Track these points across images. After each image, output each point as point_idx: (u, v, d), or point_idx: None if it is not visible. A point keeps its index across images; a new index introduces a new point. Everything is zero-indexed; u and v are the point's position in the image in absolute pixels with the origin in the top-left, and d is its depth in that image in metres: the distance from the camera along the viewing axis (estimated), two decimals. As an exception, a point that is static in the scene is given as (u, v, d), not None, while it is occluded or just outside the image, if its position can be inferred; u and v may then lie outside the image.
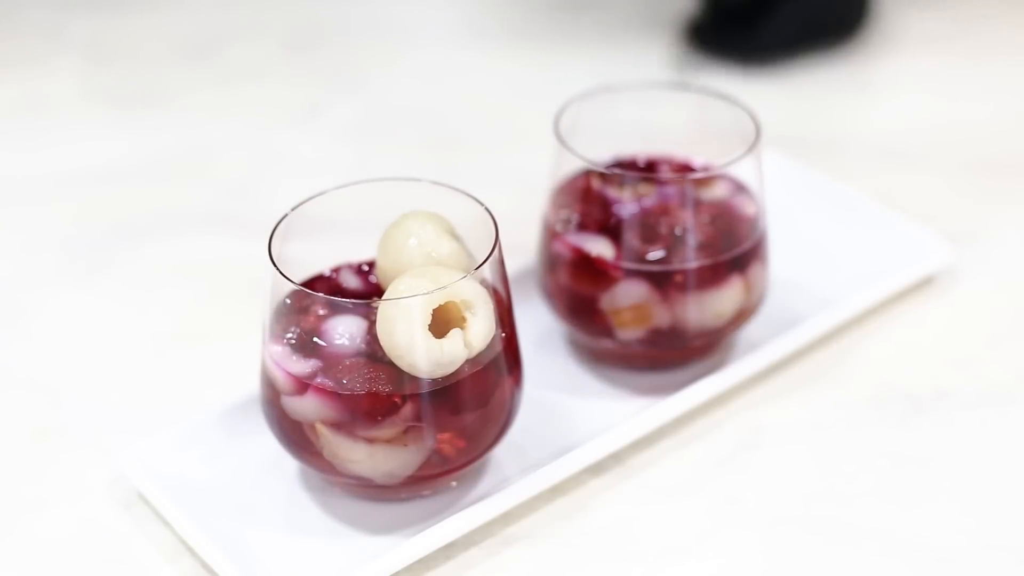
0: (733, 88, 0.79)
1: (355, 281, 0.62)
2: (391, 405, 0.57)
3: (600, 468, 0.64)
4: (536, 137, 0.77)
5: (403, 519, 0.61)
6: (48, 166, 0.89)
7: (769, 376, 0.69)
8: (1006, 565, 0.59)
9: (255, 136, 0.93)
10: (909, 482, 0.64)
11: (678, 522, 0.62)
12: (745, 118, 0.68)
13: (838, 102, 0.96)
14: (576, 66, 0.99)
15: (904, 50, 1.02)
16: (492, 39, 1.04)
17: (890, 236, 0.77)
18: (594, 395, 0.68)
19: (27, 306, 0.77)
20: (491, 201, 0.61)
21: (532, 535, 0.61)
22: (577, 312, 0.68)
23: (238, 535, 0.60)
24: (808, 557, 0.60)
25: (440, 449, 0.58)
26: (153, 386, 0.70)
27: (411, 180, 0.60)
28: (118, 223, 0.83)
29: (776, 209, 0.75)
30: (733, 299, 0.67)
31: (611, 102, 0.70)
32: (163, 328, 0.74)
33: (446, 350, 0.56)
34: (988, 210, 0.83)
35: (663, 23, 1.04)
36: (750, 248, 0.67)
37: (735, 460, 0.65)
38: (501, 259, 0.59)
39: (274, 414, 0.60)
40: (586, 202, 0.67)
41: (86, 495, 0.64)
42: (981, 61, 1.00)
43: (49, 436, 0.67)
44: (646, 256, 0.65)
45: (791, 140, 0.88)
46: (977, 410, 0.68)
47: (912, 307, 0.75)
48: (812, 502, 0.63)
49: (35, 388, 0.70)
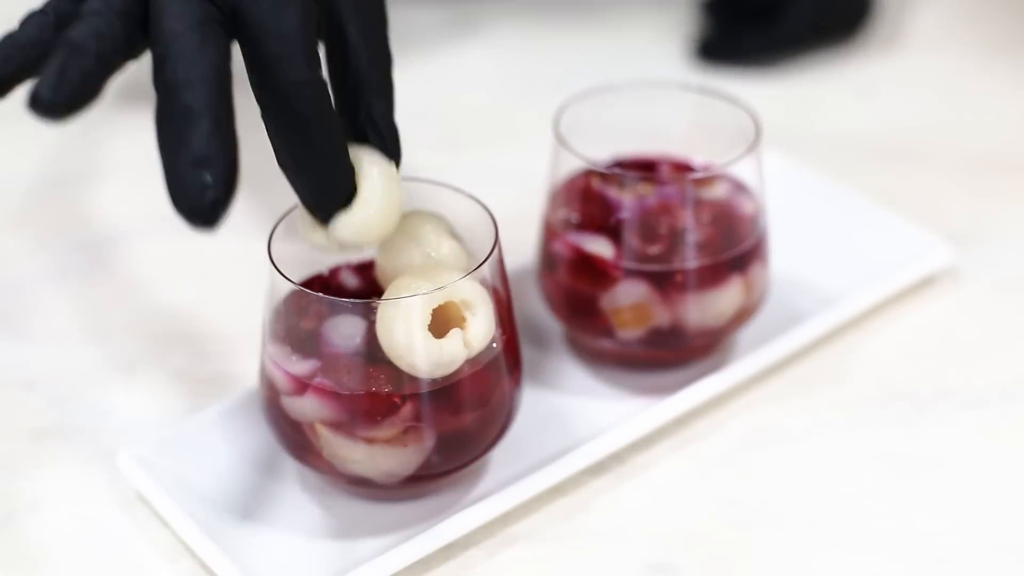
0: (733, 88, 0.79)
1: (354, 281, 0.62)
2: (391, 405, 0.57)
3: (600, 468, 0.64)
4: (536, 137, 0.77)
5: (403, 519, 0.61)
6: (48, 166, 0.89)
7: (769, 376, 0.69)
8: (1006, 565, 0.59)
9: (255, 136, 0.93)
10: (909, 482, 0.64)
11: (678, 522, 0.62)
12: (745, 118, 0.68)
13: (838, 102, 0.96)
14: (576, 65, 0.99)
15: (905, 50, 1.02)
16: (492, 38, 1.04)
17: (890, 236, 0.77)
18: (594, 395, 0.68)
19: (27, 306, 0.77)
20: (491, 201, 0.61)
21: (532, 535, 0.61)
22: (577, 312, 0.68)
23: (238, 535, 0.60)
24: (808, 557, 0.60)
25: (440, 449, 0.58)
26: (153, 386, 0.70)
27: (411, 180, 0.60)
28: (118, 223, 0.83)
29: (776, 209, 0.75)
30: (733, 299, 0.67)
31: (611, 102, 0.70)
32: (163, 328, 0.74)
33: (446, 350, 0.56)
34: (988, 210, 0.83)
35: (669, 24, 1.04)
36: (750, 248, 0.67)
37: (735, 460, 0.65)
38: (501, 259, 0.59)
39: (274, 414, 0.60)
40: (586, 202, 0.67)
41: (86, 495, 0.64)
42: (982, 60, 1.00)
43: (49, 436, 0.67)
44: (646, 256, 0.65)
45: (791, 140, 0.88)
46: (977, 410, 0.68)
47: (912, 307, 0.75)
48: (812, 502, 0.63)
49: (35, 388, 0.70)
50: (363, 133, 0.55)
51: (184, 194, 0.48)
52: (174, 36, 0.49)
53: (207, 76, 0.48)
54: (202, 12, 0.50)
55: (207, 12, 0.50)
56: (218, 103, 0.48)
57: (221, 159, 0.48)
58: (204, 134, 0.48)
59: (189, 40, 0.49)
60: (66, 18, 0.51)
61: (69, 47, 0.48)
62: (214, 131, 0.48)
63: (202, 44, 0.49)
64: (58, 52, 0.48)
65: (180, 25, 0.49)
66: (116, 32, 0.50)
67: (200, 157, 0.47)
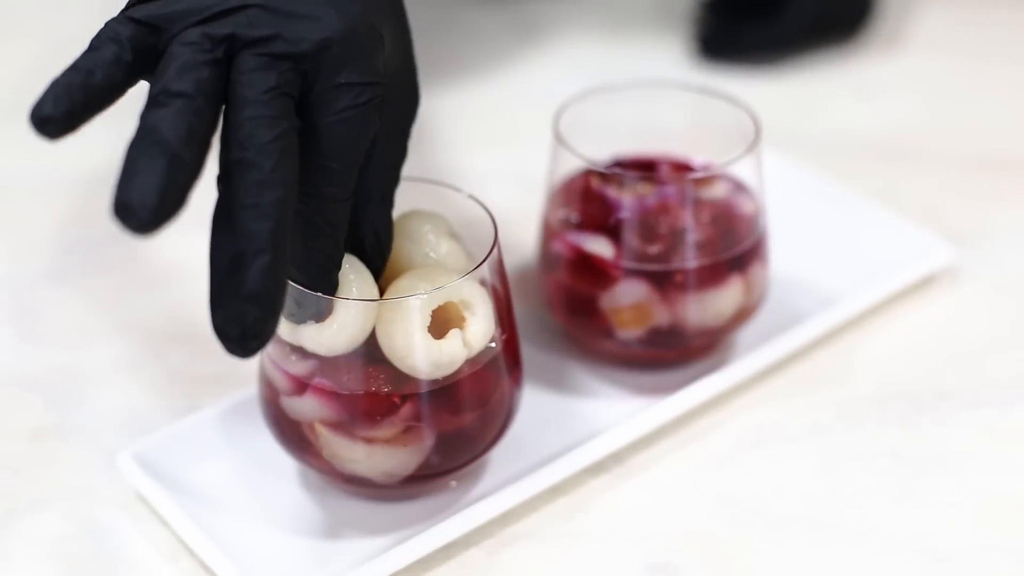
0: (733, 88, 0.79)
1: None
2: (390, 405, 0.57)
3: (600, 468, 0.64)
4: (536, 137, 0.77)
5: (403, 519, 0.61)
6: (48, 166, 0.89)
7: (769, 376, 0.69)
8: (1006, 565, 0.59)
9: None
10: (909, 482, 0.64)
11: (678, 522, 0.62)
12: (745, 118, 0.68)
13: (838, 102, 0.96)
14: (576, 65, 0.99)
15: (905, 50, 1.02)
16: (492, 38, 1.04)
17: (890, 236, 0.77)
18: (594, 395, 0.68)
19: (27, 306, 0.77)
20: (491, 201, 0.61)
21: (532, 535, 0.61)
22: (577, 312, 0.68)
23: (238, 535, 0.60)
24: (808, 557, 0.60)
25: (439, 449, 0.58)
26: (153, 386, 0.70)
27: (411, 180, 0.60)
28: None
29: (776, 208, 0.75)
30: (733, 298, 0.67)
31: (611, 101, 0.70)
32: (163, 328, 0.74)
33: (445, 351, 0.56)
34: (988, 210, 0.83)
35: (669, 22, 1.04)
36: (750, 247, 0.67)
37: (735, 460, 0.65)
38: (500, 259, 0.59)
39: (273, 414, 0.60)
40: (586, 201, 0.67)
41: (86, 495, 0.64)
42: (982, 61, 1.00)
43: (49, 436, 0.67)
44: (646, 255, 0.65)
45: (791, 140, 0.88)
46: (977, 410, 0.68)
47: (912, 307, 0.75)
48: (812, 502, 0.63)
49: (34, 388, 0.70)
50: (359, 241, 0.56)
51: (227, 317, 0.46)
52: (257, 148, 0.47)
53: (278, 203, 0.47)
54: (284, 117, 0.48)
55: (287, 113, 0.49)
56: (282, 236, 0.47)
57: (271, 297, 0.46)
58: (263, 270, 0.46)
59: (269, 155, 0.47)
60: (144, 54, 0.49)
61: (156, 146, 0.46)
62: (271, 269, 0.46)
63: (280, 160, 0.48)
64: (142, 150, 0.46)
65: (263, 134, 0.48)
66: (206, 122, 0.47)
67: (253, 294, 0.46)
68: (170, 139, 0.46)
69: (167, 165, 0.45)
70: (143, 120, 0.47)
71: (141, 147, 0.46)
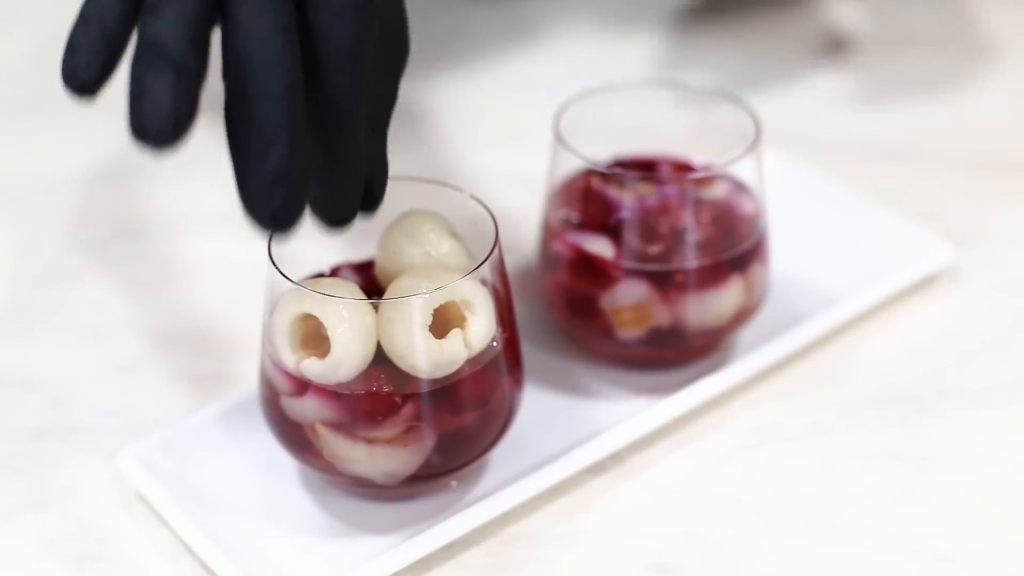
0: (733, 88, 0.79)
1: (355, 281, 0.62)
2: (391, 405, 0.57)
3: (600, 468, 0.64)
4: (536, 137, 0.77)
5: (403, 519, 0.61)
6: (48, 165, 0.89)
7: (769, 376, 0.69)
8: (1006, 565, 0.59)
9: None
10: (909, 482, 0.64)
11: (678, 522, 0.62)
12: (745, 118, 0.68)
13: (838, 102, 0.96)
14: (577, 64, 0.99)
15: (905, 50, 1.02)
16: (493, 37, 1.04)
17: (890, 236, 0.77)
18: (594, 395, 0.68)
19: (27, 306, 0.77)
20: (491, 201, 0.61)
21: (532, 535, 0.61)
22: (577, 312, 0.68)
23: (238, 535, 0.60)
24: (808, 557, 0.60)
25: (440, 449, 0.58)
26: (153, 386, 0.70)
27: (411, 180, 0.60)
28: (118, 223, 0.83)
29: (776, 209, 0.75)
30: (733, 299, 0.67)
31: (611, 101, 0.70)
32: (163, 328, 0.74)
33: (446, 350, 0.56)
34: (988, 210, 0.83)
35: (669, 22, 1.04)
36: (750, 248, 0.67)
37: (735, 460, 0.65)
38: (501, 259, 0.59)
39: (274, 414, 0.60)
40: (586, 201, 0.67)
41: (86, 495, 0.64)
42: (982, 61, 1.00)
43: (49, 436, 0.67)
44: (646, 255, 0.65)
45: (791, 140, 0.88)
46: (977, 410, 0.68)
47: (912, 307, 0.75)
48: (812, 502, 0.63)
49: (35, 388, 0.70)
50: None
51: (259, 206, 0.47)
52: (259, 40, 0.48)
53: (287, 90, 0.47)
54: (283, 7, 0.48)
55: (289, 15, 0.49)
56: (296, 120, 0.47)
57: (297, 176, 0.47)
58: (282, 154, 0.47)
59: (273, 43, 0.48)
60: None
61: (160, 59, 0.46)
62: (291, 152, 0.47)
63: (284, 48, 0.48)
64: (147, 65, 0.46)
65: (265, 24, 0.48)
66: (206, 20, 0.47)
67: (277, 176, 0.47)
68: (172, 49, 0.46)
69: (175, 80, 0.46)
70: (142, 31, 0.47)
71: (145, 62, 0.46)
